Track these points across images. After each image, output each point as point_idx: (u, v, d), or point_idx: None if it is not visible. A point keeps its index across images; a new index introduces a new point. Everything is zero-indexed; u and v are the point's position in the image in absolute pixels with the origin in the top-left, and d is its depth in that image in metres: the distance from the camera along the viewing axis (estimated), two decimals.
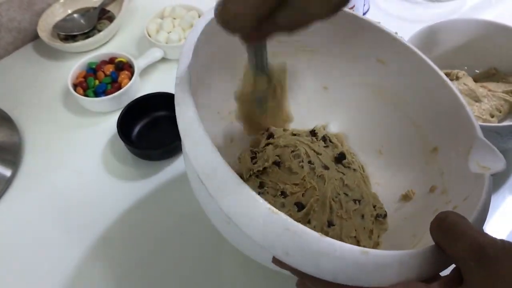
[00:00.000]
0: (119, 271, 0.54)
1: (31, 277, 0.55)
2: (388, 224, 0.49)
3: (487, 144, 0.40)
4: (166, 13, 0.80)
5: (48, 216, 0.60)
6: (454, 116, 0.45)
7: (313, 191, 0.48)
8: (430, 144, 0.48)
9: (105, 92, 0.69)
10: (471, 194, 0.39)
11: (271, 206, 0.31)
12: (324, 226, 0.46)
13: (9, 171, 0.64)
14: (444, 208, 0.42)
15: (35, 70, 0.79)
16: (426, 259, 0.32)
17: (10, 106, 0.73)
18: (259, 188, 0.50)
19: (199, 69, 0.44)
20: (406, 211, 0.48)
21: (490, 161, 0.39)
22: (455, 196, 0.42)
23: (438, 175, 0.46)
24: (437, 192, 0.45)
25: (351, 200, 0.49)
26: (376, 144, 0.55)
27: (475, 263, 0.29)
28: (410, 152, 0.50)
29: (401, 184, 0.50)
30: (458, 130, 0.44)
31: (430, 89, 0.48)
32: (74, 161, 0.66)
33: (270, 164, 0.51)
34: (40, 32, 0.80)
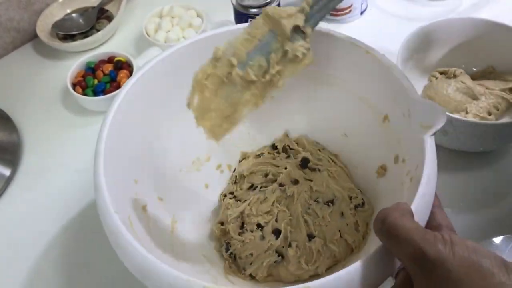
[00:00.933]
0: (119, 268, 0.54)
1: (31, 275, 0.55)
2: (372, 207, 0.50)
3: (424, 102, 0.40)
4: (165, 12, 0.81)
5: (47, 215, 0.60)
6: (387, 81, 0.45)
7: (283, 213, 0.49)
8: (380, 113, 0.48)
9: (104, 91, 0.69)
10: (420, 161, 0.38)
11: (206, 284, 0.32)
12: (306, 242, 0.47)
13: (8, 170, 0.64)
14: (406, 180, 0.41)
15: (34, 69, 0.79)
16: (372, 267, 0.32)
17: (9, 105, 0.73)
18: (240, 229, 0.50)
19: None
20: (384, 188, 0.48)
21: (432, 118, 0.38)
22: (411, 165, 0.41)
23: (396, 143, 0.46)
24: (400, 162, 0.45)
25: (324, 204, 0.50)
26: (339, 129, 0.55)
27: (419, 268, 0.29)
28: (369, 127, 0.50)
29: (374, 160, 0.50)
30: (395, 93, 0.44)
31: (358, 62, 0.48)
32: (73, 160, 0.66)
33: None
34: (39, 32, 0.80)
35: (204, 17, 0.79)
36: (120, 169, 0.43)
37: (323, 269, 0.46)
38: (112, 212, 0.37)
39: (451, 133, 0.54)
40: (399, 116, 0.44)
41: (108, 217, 0.37)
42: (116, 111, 0.44)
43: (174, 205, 0.50)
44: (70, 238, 0.58)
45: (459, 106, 0.61)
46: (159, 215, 0.48)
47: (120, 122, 0.44)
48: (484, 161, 0.60)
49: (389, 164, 0.47)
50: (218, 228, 0.51)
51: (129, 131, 0.46)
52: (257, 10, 0.69)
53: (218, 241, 0.52)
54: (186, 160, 0.55)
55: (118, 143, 0.44)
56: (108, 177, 0.40)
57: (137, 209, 0.44)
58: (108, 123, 0.43)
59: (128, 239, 0.36)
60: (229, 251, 0.49)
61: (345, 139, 0.55)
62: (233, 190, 0.55)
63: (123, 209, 0.39)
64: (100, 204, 0.38)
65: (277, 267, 0.47)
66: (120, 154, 0.44)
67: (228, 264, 0.49)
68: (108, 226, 0.37)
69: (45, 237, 0.58)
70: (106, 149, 0.41)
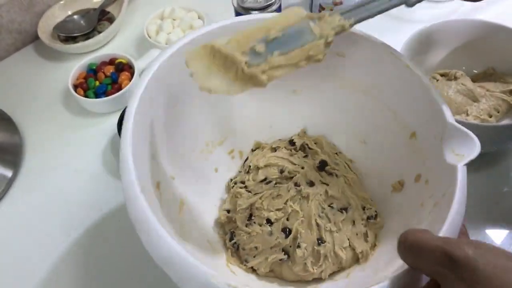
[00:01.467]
0: (120, 269, 0.55)
1: (32, 276, 0.55)
2: (383, 220, 0.49)
3: (460, 129, 0.38)
4: (166, 14, 0.81)
5: (49, 216, 0.60)
6: (423, 99, 0.44)
7: (296, 214, 0.48)
8: (408, 128, 0.47)
9: (105, 93, 0.69)
10: (448, 189, 0.37)
11: (230, 282, 0.32)
12: (315, 245, 0.46)
13: (10, 171, 0.64)
14: (428, 203, 0.41)
15: (36, 71, 0.80)
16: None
17: (11, 107, 0.73)
18: (248, 220, 0.50)
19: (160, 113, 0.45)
20: (398, 203, 0.48)
21: (465, 147, 0.37)
22: (436, 189, 0.41)
23: (421, 163, 0.45)
24: (421, 182, 0.44)
25: (338, 211, 0.49)
26: (358, 135, 0.54)
27: (449, 271, 0.29)
28: (392, 138, 0.50)
29: (391, 174, 0.50)
30: (429, 113, 0.43)
31: (394, 73, 0.47)
32: (74, 161, 0.66)
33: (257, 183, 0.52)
34: (41, 34, 0.80)
35: (205, 19, 0.79)
36: (141, 147, 0.41)
37: (326, 274, 0.46)
38: (139, 193, 0.35)
39: None
40: (430, 137, 0.43)
41: (134, 198, 0.35)
42: (144, 89, 0.42)
43: (183, 185, 0.49)
44: (72, 239, 0.58)
45: (459, 108, 0.61)
46: (170, 194, 0.46)
47: (146, 100, 0.42)
48: (484, 162, 0.60)
49: (408, 181, 0.47)
50: (224, 215, 0.51)
51: (152, 111, 0.44)
52: (258, 12, 0.69)
53: (222, 228, 0.52)
54: (200, 142, 0.54)
55: (142, 125, 0.42)
56: (135, 157, 0.38)
57: (153, 186, 0.43)
58: (137, 100, 0.41)
59: (154, 224, 0.34)
60: (233, 240, 0.49)
61: (363, 146, 0.54)
62: (245, 179, 0.54)
63: (146, 190, 0.38)
64: (127, 184, 0.36)
65: (282, 265, 0.47)
66: (143, 136, 0.42)
67: (230, 253, 0.49)
68: (134, 208, 0.35)
69: (47, 238, 0.58)
70: (134, 128, 0.39)
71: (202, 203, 0.52)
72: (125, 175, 0.36)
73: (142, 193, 0.35)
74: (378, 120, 0.51)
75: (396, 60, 0.46)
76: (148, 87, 0.43)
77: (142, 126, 0.42)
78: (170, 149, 0.48)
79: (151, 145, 0.44)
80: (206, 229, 0.50)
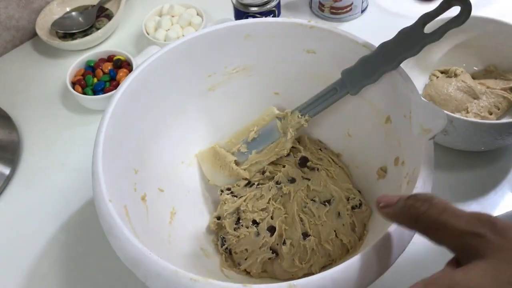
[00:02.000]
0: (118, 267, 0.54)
1: (30, 273, 0.55)
2: (370, 209, 0.49)
3: (425, 104, 0.39)
4: (164, 11, 0.80)
5: (47, 213, 0.60)
6: (390, 82, 0.45)
7: (279, 211, 0.49)
8: (383, 113, 0.48)
9: (103, 90, 0.69)
10: (417, 165, 0.38)
11: (193, 275, 0.33)
12: (300, 240, 0.47)
13: (7, 169, 0.64)
14: (403, 182, 0.41)
15: (34, 68, 0.79)
16: (358, 269, 0.32)
17: (9, 104, 0.73)
18: (236, 224, 0.51)
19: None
20: (383, 190, 0.48)
21: (433, 121, 0.38)
22: (409, 168, 0.41)
23: (397, 145, 0.46)
24: (399, 164, 0.45)
25: (321, 204, 0.50)
26: (343, 128, 0.55)
27: (490, 231, 0.27)
28: (371, 127, 0.50)
29: (375, 162, 0.50)
30: (397, 95, 0.44)
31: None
32: (72, 159, 0.66)
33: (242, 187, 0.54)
34: (39, 30, 0.80)
35: (204, 15, 0.79)
36: (119, 160, 0.44)
37: (317, 268, 0.46)
38: (107, 201, 0.38)
39: (452, 132, 0.54)
40: (401, 117, 0.44)
41: (103, 205, 0.38)
42: (116, 104, 0.45)
43: (174, 196, 0.51)
44: (69, 236, 0.58)
45: (459, 105, 0.61)
46: (159, 206, 0.48)
47: (120, 114, 0.45)
48: (485, 160, 0.60)
49: (390, 166, 0.47)
50: (214, 223, 0.52)
51: (129, 124, 0.47)
52: (257, 9, 0.68)
53: (215, 235, 0.52)
54: (188, 153, 0.56)
55: (119, 135, 0.44)
56: (106, 166, 0.40)
57: (136, 199, 0.45)
58: (109, 115, 0.44)
59: (119, 227, 0.36)
60: (225, 245, 0.50)
61: (349, 139, 0.55)
62: (231, 186, 0.55)
63: (119, 198, 0.40)
64: (96, 192, 0.39)
65: (272, 263, 0.48)
66: (120, 146, 0.44)
67: (224, 258, 0.49)
68: (102, 214, 0.38)
69: (44, 235, 0.58)
70: (105, 140, 0.42)
71: (194, 213, 0.53)
72: (95, 185, 0.39)
73: (111, 201, 0.38)
74: (356, 111, 0.52)
75: (357, 47, 0.48)
76: (120, 102, 0.45)
77: (117, 140, 0.44)
78: (154, 163, 0.50)
79: (131, 159, 0.46)
80: (198, 237, 0.51)
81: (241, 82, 0.55)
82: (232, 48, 0.52)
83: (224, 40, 0.51)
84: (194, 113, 0.55)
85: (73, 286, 0.54)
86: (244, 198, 0.52)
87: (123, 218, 0.38)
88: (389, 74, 0.45)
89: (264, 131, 0.55)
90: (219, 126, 0.57)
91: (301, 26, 0.50)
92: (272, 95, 0.56)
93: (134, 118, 0.47)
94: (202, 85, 0.54)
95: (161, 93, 0.50)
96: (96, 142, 0.42)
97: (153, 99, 0.50)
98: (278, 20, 0.51)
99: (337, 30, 0.49)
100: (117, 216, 0.37)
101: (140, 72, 0.48)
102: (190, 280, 0.32)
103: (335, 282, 0.32)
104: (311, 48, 0.51)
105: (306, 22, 0.50)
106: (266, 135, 0.55)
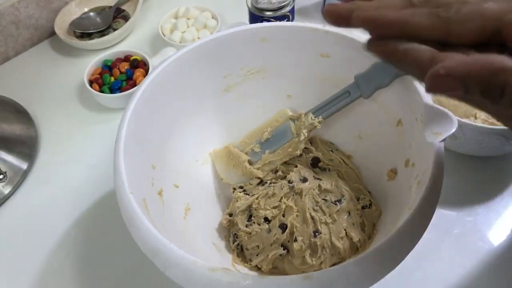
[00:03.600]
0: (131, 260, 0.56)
1: (45, 266, 0.56)
2: (380, 209, 0.51)
3: (436, 109, 0.40)
4: (180, 13, 0.82)
5: (62, 208, 0.61)
6: (402, 86, 0.46)
7: (291, 209, 0.50)
8: (394, 116, 0.49)
9: (120, 89, 0.71)
10: (427, 166, 0.39)
11: (211, 265, 0.34)
12: (311, 238, 0.48)
13: (25, 164, 0.66)
14: (414, 183, 0.42)
15: (51, 66, 0.81)
16: (371, 263, 0.34)
17: (27, 101, 0.74)
18: (248, 221, 0.52)
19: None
20: (393, 191, 0.49)
21: (442, 125, 0.39)
22: (419, 170, 0.42)
23: (408, 147, 0.46)
24: (409, 166, 0.46)
25: (332, 203, 0.50)
26: (354, 131, 0.56)
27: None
28: (382, 130, 0.51)
29: (385, 164, 0.51)
30: (410, 98, 0.45)
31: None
32: (88, 155, 0.68)
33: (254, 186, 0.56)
34: (57, 29, 0.82)
35: (219, 18, 0.80)
36: (139, 155, 0.45)
37: (327, 265, 0.47)
38: (128, 193, 0.39)
39: (461, 137, 0.55)
40: (412, 120, 0.45)
41: (125, 197, 0.39)
42: (137, 102, 0.46)
43: (189, 193, 0.52)
44: (83, 230, 0.59)
45: (468, 111, 0.61)
46: (174, 201, 0.49)
47: (140, 111, 0.46)
48: (493, 165, 0.61)
49: (400, 168, 0.48)
50: (226, 219, 0.53)
51: (148, 121, 0.48)
52: (271, 13, 0.70)
53: (227, 232, 0.54)
54: (203, 152, 0.57)
55: (139, 131, 0.45)
56: (127, 160, 0.42)
57: (153, 194, 0.46)
58: (130, 112, 0.45)
59: (141, 218, 0.37)
60: (236, 242, 0.51)
61: (360, 141, 0.55)
62: (243, 184, 0.56)
63: (139, 191, 0.41)
64: (118, 185, 0.40)
65: (282, 260, 0.49)
66: (139, 141, 0.45)
67: (236, 254, 0.51)
68: (124, 205, 0.39)
69: (59, 229, 0.59)
70: (127, 135, 0.43)
71: (208, 209, 0.54)
72: (117, 177, 0.40)
73: (132, 193, 0.39)
74: (368, 114, 0.53)
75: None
76: (141, 100, 0.47)
77: (137, 136, 0.45)
78: (171, 160, 0.51)
79: (149, 155, 0.47)
80: (211, 232, 0.53)
81: (255, 84, 0.56)
82: (248, 50, 0.53)
83: (241, 43, 0.53)
84: (209, 113, 0.56)
85: (84, 280, 0.55)
86: (256, 196, 0.53)
87: (143, 210, 0.39)
88: (401, 78, 0.46)
89: (277, 132, 0.56)
90: (233, 127, 0.58)
91: (316, 30, 0.51)
92: (285, 97, 0.58)
93: (153, 116, 0.48)
94: (218, 86, 0.55)
95: (178, 93, 0.52)
96: (118, 136, 0.43)
97: (170, 98, 0.51)
98: (294, 25, 0.52)
99: (351, 35, 0.50)
100: (138, 208, 0.38)
101: (160, 71, 0.49)
102: (208, 270, 0.34)
103: (349, 275, 0.33)
104: (325, 52, 0.52)
105: (322, 27, 0.51)
106: (279, 135, 0.56)
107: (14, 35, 0.82)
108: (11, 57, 0.83)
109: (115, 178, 0.40)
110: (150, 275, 0.54)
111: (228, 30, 0.52)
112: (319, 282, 0.32)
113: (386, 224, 0.48)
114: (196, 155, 0.56)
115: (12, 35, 0.81)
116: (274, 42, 0.53)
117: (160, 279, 0.52)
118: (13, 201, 0.63)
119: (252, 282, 0.33)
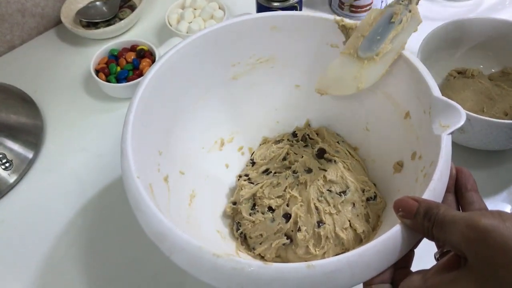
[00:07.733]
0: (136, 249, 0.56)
1: (50, 255, 0.56)
2: (385, 201, 0.51)
3: (445, 102, 0.41)
4: (187, 3, 0.82)
5: (67, 197, 0.62)
6: (411, 78, 0.46)
7: (295, 199, 0.50)
8: (402, 109, 0.49)
9: (126, 79, 0.71)
10: (434, 158, 0.39)
11: (216, 251, 0.34)
12: (315, 228, 0.48)
13: (31, 152, 0.66)
14: (420, 176, 0.42)
15: (57, 55, 0.81)
16: (375, 253, 0.34)
17: (33, 89, 0.74)
18: (252, 209, 0.52)
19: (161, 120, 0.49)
20: (398, 184, 0.49)
21: (451, 118, 0.39)
22: (426, 162, 0.42)
23: (415, 140, 0.46)
24: (416, 159, 0.46)
25: (337, 194, 0.51)
26: (361, 123, 0.56)
27: (474, 241, 0.29)
28: (390, 122, 0.51)
29: (391, 156, 0.51)
30: (418, 91, 0.45)
31: None
32: (94, 144, 0.68)
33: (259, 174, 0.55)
34: (63, 18, 0.81)
35: (226, 9, 0.80)
36: (146, 140, 0.45)
37: (330, 255, 0.47)
38: (135, 177, 0.39)
39: (469, 131, 0.55)
40: (420, 113, 0.45)
41: (131, 181, 0.39)
42: (145, 88, 0.46)
43: (194, 180, 0.52)
44: (89, 219, 0.59)
45: (475, 106, 0.61)
46: (179, 188, 0.49)
47: (148, 97, 0.46)
48: (499, 159, 0.61)
49: (406, 160, 0.48)
50: (230, 207, 0.53)
51: (156, 107, 0.48)
52: (279, 4, 0.69)
53: (231, 220, 0.54)
54: (209, 140, 0.57)
55: (146, 116, 0.45)
56: (134, 144, 0.41)
57: (159, 179, 0.46)
58: (138, 98, 0.45)
59: (147, 202, 0.37)
60: (240, 230, 0.51)
61: (367, 133, 0.55)
62: (249, 172, 0.56)
63: (145, 176, 0.41)
64: (125, 169, 0.40)
65: (286, 250, 0.49)
66: (146, 127, 0.45)
67: (240, 242, 0.51)
68: (130, 189, 0.39)
69: (65, 217, 0.59)
70: (135, 120, 0.43)
71: (212, 197, 0.54)
72: (124, 161, 0.40)
73: (138, 178, 0.39)
74: (375, 106, 0.53)
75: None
76: (149, 86, 0.46)
77: (145, 121, 0.45)
78: (177, 146, 0.51)
79: (156, 141, 0.47)
80: (215, 220, 0.53)
81: (263, 73, 0.56)
82: (258, 38, 0.53)
83: (251, 31, 0.53)
84: (217, 100, 0.56)
85: (90, 268, 0.55)
86: (261, 185, 0.53)
87: (149, 195, 0.39)
88: (410, 70, 0.46)
89: (379, 25, 0.50)
90: (240, 115, 0.58)
91: (327, 20, 0.51)
92: (293, 87, 0.57)
93: (161, 102, 0.48)
94: (226, 74, 0.55)
95: (186, 80, 0.51)
96: (126, 121, 0.43)
97: (178, 85, 0.51)
98: (304, 14, 0.52)
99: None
100: (144, 192, 0.38)
101: (168, 58, 0.49)
102: (213, 256, 0.34)
103: (351, 265, 0.33)
104: (335, 42, 0.52)
105: (332, 17, 0.51)
106: (383, 27, 0.50)
107: (20, 23, 0.81)
108: (17, 46, 0.83)
109: (122, 162, 0.40)
110: (155, 263, 0.54)
111: (238, 17, 0.52)
112: (322, 271, 0.32)
113: (391, 216, 0.47)
114: (202, 142, 0.56)
115: (18, 24, 0.81)
116: (284, 31, 0.53)
117: (165, 268, 0.54)
118: (19, 190, 0.63)
119: (256, 269, 0.33)
